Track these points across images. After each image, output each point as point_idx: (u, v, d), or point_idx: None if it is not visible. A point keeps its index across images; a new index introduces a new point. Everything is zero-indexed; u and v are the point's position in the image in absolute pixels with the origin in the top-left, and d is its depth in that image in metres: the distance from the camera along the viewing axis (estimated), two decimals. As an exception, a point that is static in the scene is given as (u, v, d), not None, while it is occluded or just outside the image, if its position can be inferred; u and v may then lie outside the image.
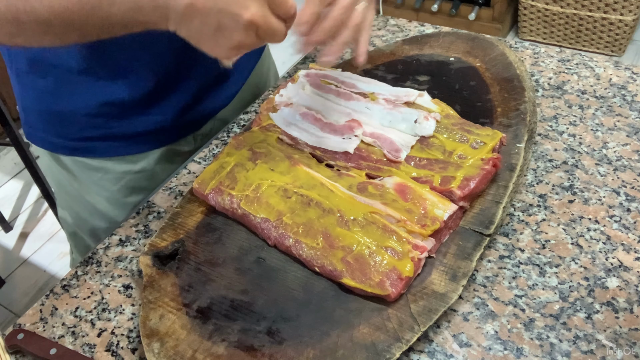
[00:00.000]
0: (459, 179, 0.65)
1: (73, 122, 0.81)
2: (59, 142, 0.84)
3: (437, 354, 0.56)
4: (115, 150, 0.84)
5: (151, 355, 0.56)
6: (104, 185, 0.86)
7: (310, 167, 0.70)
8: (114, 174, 0.85)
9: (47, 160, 0.89)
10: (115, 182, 0.86)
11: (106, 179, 0.86)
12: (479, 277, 0.62)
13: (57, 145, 0.85)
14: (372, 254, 0.59)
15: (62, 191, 0.92)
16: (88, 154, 0.84)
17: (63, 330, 0.63)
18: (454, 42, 0.89)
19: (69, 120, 0.81)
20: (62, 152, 0.85)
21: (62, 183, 0.90)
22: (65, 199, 0.92)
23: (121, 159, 0.85)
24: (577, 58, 0.90)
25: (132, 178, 0.86)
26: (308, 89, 0.81)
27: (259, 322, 0.58)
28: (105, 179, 0.86)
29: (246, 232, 0.67)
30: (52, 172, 0.90)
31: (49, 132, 0.84)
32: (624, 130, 0.77)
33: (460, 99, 0.80)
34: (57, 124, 0.82)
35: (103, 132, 0.82)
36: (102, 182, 0.86)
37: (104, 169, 0.85)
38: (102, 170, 0.85)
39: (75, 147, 0.84)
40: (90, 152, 0.84)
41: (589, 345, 0.55)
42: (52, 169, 0.89)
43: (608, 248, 0.64)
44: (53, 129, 0.83)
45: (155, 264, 0.65)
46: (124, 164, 0.85)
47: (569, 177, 0.72)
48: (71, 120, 0.81)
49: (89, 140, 0.83)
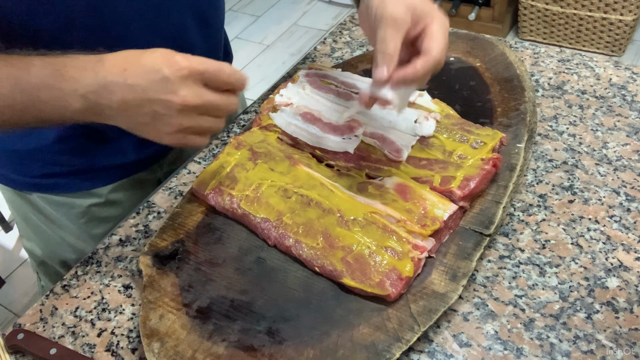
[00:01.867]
0: (459, 179, 0.65)
1: (33, 160, 0.79)
2: (20, 179, 0.82)
3: (437, 354, 0.56)
4: (79, 185, 0.82)
5: (151, 355, 0.56)
6: (71, 219, 0.84)
7: (310, 167, 0.70)
8: (79, 208, 0.84)
9: (8, 194, 0.86)
10: (81, 216, 0.84)
11: (72, 214, 0.84)
12: (479, 277, 0.62)
13: (18, 182, 0.83)
14: (372, 254, 0.59)
15: (28, 224, 0.89)
16: (51, 190, 0.82)
17: (63, 330, 0.63)
18: (454, 42, 0.89)
19: (30, 158, 0.79)
20: (24, 189, 0.83)
21: (27, 216, 0.87)
22: (32, 231, 0.90)
23: (85, 193, 0.83)
24: (577, 58, 0.90)
25: (98, 210, 0.84)
26: (308, 89, 0.81)
27: (259, 322, 0.58)
28: (71, 213, 0.84)
29: (246, 232, 0.67)
30: (16, 205, 0.87)
31: (8, 169, 0.82)
32: (624, 130, 0.77)
33: (460, 99, 0.80)
34: (16, 162, 0.80)
35: (65, 168, 0.80)
36: (68, 216, 0.84)
37: (69, 204, 0.83)
38: (66, 206, 0.83)
39: (37, 184, 0.81)
40: (53, 188, 0.82)
41: (589, 345, 0.55)
42: (16, 203, 0.87)
43: (608, 248, 0.64)
44: (13, 167, 0.81)
45: (155, 264, 0.65)
46: (89, 197, 0.83)
47: (569, 177, 0.72)
48: (31, 158, 0.79)
49: (52, 176, 0.81)
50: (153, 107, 0.54)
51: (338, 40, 1.02)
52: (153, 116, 0.54)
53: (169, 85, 0.53)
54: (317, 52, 1.00)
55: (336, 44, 1.01)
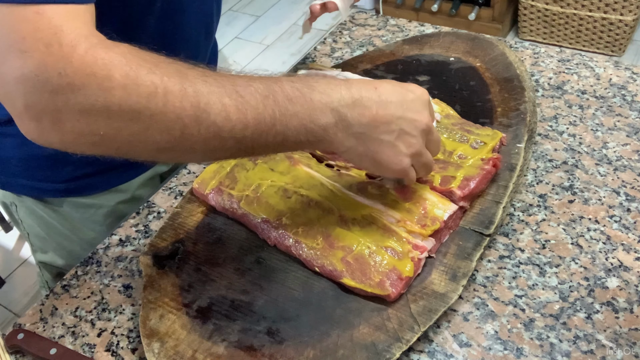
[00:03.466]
0: (459, 179, 0.65)
1: (66, 163, 0.77)
2: (50, 186, 0.80)
3: (437, 354, 0.56)
4: (108, 182, 0.82)
5: (151, 355, 0.56)
6: (97, 220, 0.84)
7: (310, 167, 0.70)
8: (107, 208, 0.83)
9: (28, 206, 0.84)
10: (108, 215, 0.84)
11: (99, 214, 0.83)
12: (479, 277, 0.62)
13: (44, 190, 0.81)
14: (372, 254, 0.59)
15: (50, 235, 0.87)
16: (82, 192, 0.81)
17: (63, 330, 0.63)
18: (454, 42, 0.89)
19: (61, 163, 0.77)
20: (51, 195, 0.81)
21: (50, 226, 0.85)
22: (55, 241, 0.88)
23: (114, 190, 0.83)
24: (577, 58, 0.90)
25: (124, 207, 0.84)
26: (308, 89, 0.81)
27: (259, 322, 0.58)
28: (98, 214, 0.83)
29: (246, 232, 0.67)
30: (36, 217, 0.85)
31: (33, 178, 0.80)
32: (624, 130, 0.77)
33: (460, 99, 0.80)
34: (45, 168, 0.78)
35: (94, 168, 0.79)
36: (94, 217, 0.83)
37: (97, 205, 0.83)
38: (94, 207, 0.83)
39: (68, 189, 0.80)
40: (83, 190, 0.81)
41: (589, 345, 0.55)
42: (36, 215, 0.84)
43: (608, 248, 0.64)
44: (39, 175, 0.79)
45: (155, 264, 0.65)
46: (116, 194, 0.83)
47: (569, 177, 0.72)
48: (63, 161, 0.77)
49: (82, 178, 0.79)
50: (401, 125, 0.55)
51: (338, 40, 1.02)
52: (398, 134, 0.55)
53: (418, 106, 0.56)
54: (317, 52, 1.00)
55: (336, 44, 1.01)
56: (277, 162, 0.71)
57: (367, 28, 1.04)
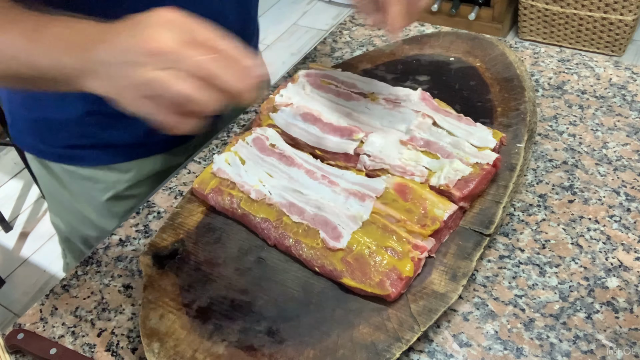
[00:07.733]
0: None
1: (60, 130, 0.80)
2: (46, 148, 0.83)
3: (437, 354, 0.56)
4: (103, 159, 0.83)
5: (151, 355, 0.56)
6: (94, 194, 0.85)
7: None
8: (105, 184, 0.84)
9: (36, 166, 0.88)
10: (105, 191, 0.85)
11: (96, 189, 0.85)
12: (479, 277, 0.62)
13: (44, 151, 0.84)
14: (372, 254, 0.59)
15: (52, 198, 0.91)
16: (76, 162, 0.83)
17: (63, 330, 0.63)
18: (454, 42, 0.89)
19: (56, 128, 0.80)
20: (49, 159, 0.84)
21: (51, 190, 0.89)
22: (56, 206, 0.91)
23: (111, 167, 0.84)
24: (577, 58, 0.90)
25: (123, 188, 0.85)
26: (308, 89, 0.81)
27: (259, 322, 0.58)
28: (95, 188, 0.85)
29: (246, 232, 0.67)
30: (42, 178, 0.89)
31: (36, 137, 0.83)
32: (624, 130, 0.77)
33: (460, 99, 0.80)
34: (44, 130, 0.81)
35: (91, 141, 0.81)
36: (91, 191, 0.85)
37: (94, 178, 0.84)
38: (91, 180, 0.84)
39: (62, 155, 0.83)
40: (78, 160, 0.83)
41: (589, 345, 0.55)
42: (42, 176, 0.88)
43: (608, 248, 0.64)
44: (40, 135, 0.82)
45: (155, 263, 0.65)
46: (114, 173, 0.84)
47: (569, 177, 0.72)
48: (58, 128, 0.80)
49: (77, 148, 0.82)
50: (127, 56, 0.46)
51: (338, 40, 1.02)
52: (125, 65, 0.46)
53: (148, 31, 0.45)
54: (317, 52, 1.00)
55: (336, 44, 1.01)
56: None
57: (367, 28, 1.04)
